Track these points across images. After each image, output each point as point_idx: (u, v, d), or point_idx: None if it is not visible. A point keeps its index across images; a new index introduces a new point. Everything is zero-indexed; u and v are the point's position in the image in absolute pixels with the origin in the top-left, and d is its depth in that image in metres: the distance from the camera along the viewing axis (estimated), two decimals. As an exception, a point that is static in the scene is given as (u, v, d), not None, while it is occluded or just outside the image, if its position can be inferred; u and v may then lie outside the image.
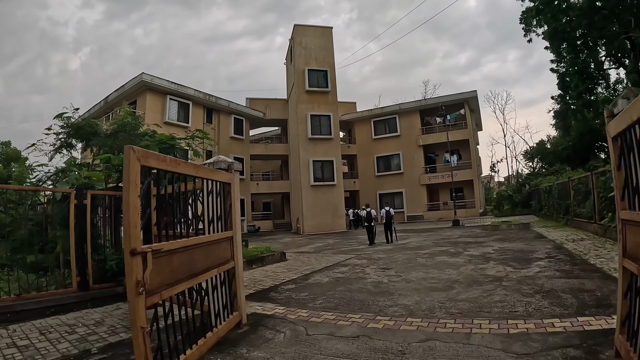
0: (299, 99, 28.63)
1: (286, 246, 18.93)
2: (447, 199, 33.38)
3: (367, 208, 17.73)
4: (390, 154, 34.40)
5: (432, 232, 21.61)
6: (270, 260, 12.58)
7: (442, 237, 17.83)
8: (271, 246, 16.18)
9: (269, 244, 19.72)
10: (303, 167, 27.89)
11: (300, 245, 18.68)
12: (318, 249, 16.29)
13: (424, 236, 19.09)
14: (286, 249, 16.46)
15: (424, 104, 34.02)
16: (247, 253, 12.45)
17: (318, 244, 18.72)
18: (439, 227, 24.53)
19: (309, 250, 16.29)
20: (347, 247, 16.07)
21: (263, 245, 15.93)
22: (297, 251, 16.21)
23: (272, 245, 18.95)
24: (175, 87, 27.61)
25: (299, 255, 14.54)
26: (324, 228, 27.16)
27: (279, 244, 19.84)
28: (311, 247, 17.31)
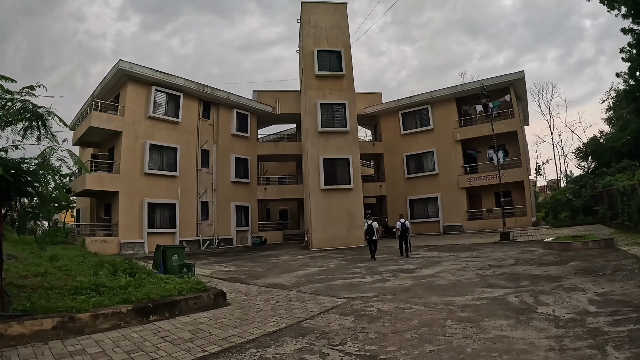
0: (307, 85, 23.54)
1: (267, 270, 13.92)
2: (491, 205, 27.14)
3: (369, 220, 16.26)
4: (422, 151, 28.48)
5: (474, 250, 15.85)
6: (191, 307, 7.61)
7: (489, 262, 12.17)
8: (238, 269, 12.40)
9: (245, 266, 15.51)
10: (312, 167, 22.69)
11: (287, 271, 13.46)
12: (301, 281, 11.01)
13: (462, 259, 13.42)
14: (261, 277, 12.44)
15: (461, 90, 27.77)
16: (155, 291, 7.63)
17: (311, 270, 13.42)
18: (482, 243, 18.66)
19: (287, 282, 11.02)
20: (343, 281, 10.65)
21: (231, 267, 12.60)
22: (268, 282, 11.05)
23: (253, 268, 14.97)
24: (160, 76, 23.27)
25: (258, 294, 9.36)
26: (336, 242, 21.77)
27: (261, 267, 14.86)
28: (296, 276, 12.03)
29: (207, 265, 16.11)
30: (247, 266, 15.58)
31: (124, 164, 21.99)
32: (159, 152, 23.20)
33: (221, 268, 15.25)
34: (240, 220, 26.60)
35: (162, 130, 23.44)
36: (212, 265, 16.30)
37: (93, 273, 9.50)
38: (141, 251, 21.50)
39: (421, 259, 14.41)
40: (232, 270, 14.59)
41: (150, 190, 22.43)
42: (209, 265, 16.34)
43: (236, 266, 15.80)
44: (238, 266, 15.77)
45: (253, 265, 15.64)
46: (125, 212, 21.61)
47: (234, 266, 15.81)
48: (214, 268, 15.20)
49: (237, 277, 12.51)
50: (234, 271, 14.25)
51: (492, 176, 25.65)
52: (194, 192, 24.37)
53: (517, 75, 26.30)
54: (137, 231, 21.74)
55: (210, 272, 13.94)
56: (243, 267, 15.26)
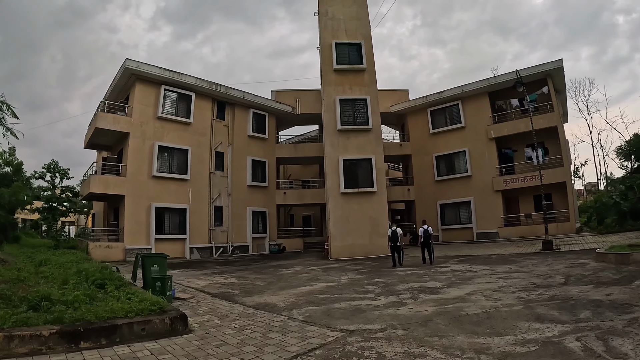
0: (325, 81, 21.63)
1: (269, 284, 12.02)
2: (529, 209, 24.21)
3: (393, 226, 15.60)
4: (453, 151, 25.88)
5: (513, 263, 13.38)
6: (137, 333, 6.08)
7: (532, 279, 9.80)
8: (237, 282, 11.79)
9: (247, 279, 13.71)
10: (330, 169, 20.69)
11: (290, 286, 11.47)
12: (299, 301, 9.02)
13: (499, 274, 11.03)
14: (256, 293, 10.57)
15: (494, 83, 24.89)
16: (100, 310, 6.12)
17: (318, 286, 11.37)
18: (522, 253, 16.10)
19: (283, 301, 9.06)
20: (349, 303, 8.54)
21: (232, 279, 11.48)
22: (259, 302, 9.13)
23: (255, 281, 13.14)
24: (169, 74, 21.95)
25: (237, 318, 7.52)
26: (357, 251, 19.60)
27: (265, 280, 12.89)
28: (296, 294, 10.02)
29: (208, 276, 14.36)
30: (250, 279, 13.71)
31: (130, 166, 20.79)
32: (168, 154, 21.88)
33: (220, 280, 13.45)
34: (256, 226, 24.87)
35: (172, 132, 22.13)
36: (212, 276, 14.54)
37: (62, 282, 8.37)
38: (148, 258, 20.14)
39: (450, 273, 12.08)
40: (229, 283, 12.75)
41: (158, 194, 21.10)
42: (209, 276, 14.60)
43: (238, 278, 13.97)
44: (240, 278, 13.94)
45: (256, 278, 13.77)
46: (131, 216, 20.34)
47: (236, 278, 13.99)
48: (212, 280, 13.42)
49: (229, 293, 10.63)
50: (231, 284, 12.40)
51: (531, 177, 22.83)
52: (206, 197, 22.87)
53: (555, 64, 23.28)
54: (144, 237, 20.39)
55: (203, 285, 12.15)
56: (244, 280, 13.41)
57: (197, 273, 15.45)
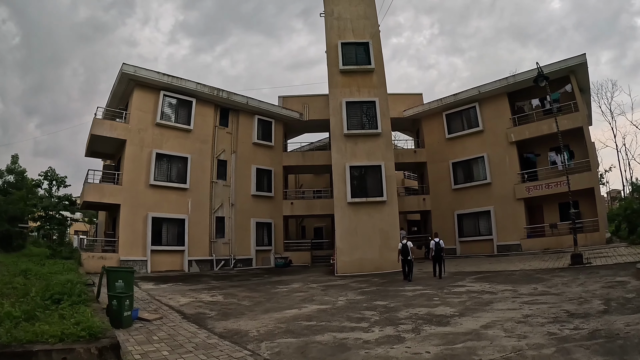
0: (331, 83, 20.14)
1: (255, 305, 10.53)
2: (554, 218, 21.87)
3: (404, 240, 15.16)
4: (470, 157, 23.81)
5: (539, 281, 11.40)
6: None
7: (564, 305, 7.89)
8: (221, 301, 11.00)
9: (235, 297, 12.28)
10: (337, 177, 19.06)
11: (277, 309, 9.89)
12: (277, 330, 7.48)
13: (523, 297, 9.16)
14: (234, 316, 9.14)
15: (513, 82, 22.71)
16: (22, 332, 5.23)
17: (309, 309, 9.73)
18: (548, 270, 14.07)
19: (258, 329, 7.56)
20: (334, 336, 6.89)
21: (218, 297, 11.23)
22: (231, 328, 7.78)
23: (242, 300, 11.67)
24: (168, 79, 20.84)
25: (189, 352, 5.95)
26: (366, 267, 17.81)
27: (254, 299, 11.36)
28: (278, 320, 8.43)
29: (195, 293, 12.94)
30: (238, 297, 12.19)
31: (127, 174, 19.66)
32: (167, 162, 20.68)
33: (205, 298, 11.98)
34: (261, 238, 23.28)
35: (171, 139, 20.97)
36: (200, 292, 13.10)
37: (23, 294, 7.90)
38: (143, 270, 18.80)
39: (465, 294, 10.22)
40: (213, 301, 11.28)
41: (156, 204, 19.86)
42: (197, 292, 13.16)
43: (226, 295, 12.48)
44: (228, 296, 12.44)
45: (246, 296, 12.23)
46: (127, 226, 19.12)
47: (224, 295, 12.50)
48: (197, 297, 11.97)
49: (204, 315, 9.21)
50: (213, 304, 10.93)
51: (556, 183, 20.68)
52: (207, 207, 21.49)
53: (578, 59, 21.04)
54: (140, 248, 19.09)
55: (183, 303, 10.78)
56: (231, 298, 11.90)
57: (186, 288, 14.06)
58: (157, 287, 14.21)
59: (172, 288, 14.14)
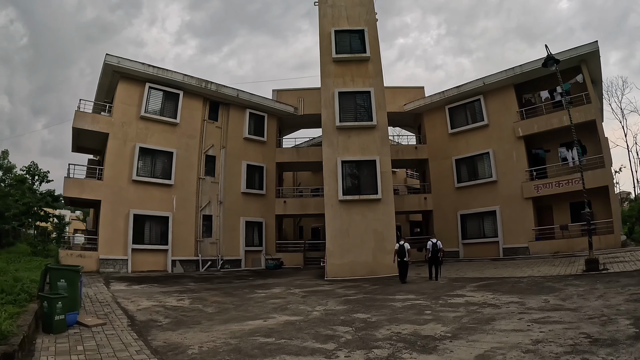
0: (324, 72, 18.42)
1: (219, 313, 9.07)
2: (564, 219, 19.77)
3: (401, 241, 14.45)
4: (475, 153, 21.82)
5: (551, 290, 9.49)
6: None
7: (584, 325, 5.96)
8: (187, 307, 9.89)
9: (205, 302, 10.84)
10: (328, 173, 17.32)
11: (240, 318, 8.30)
12: (229, 345, 5.98)
13: (532, 312, 7.28)
14: (187, 325, 7.79)
15: (520, 72, 20.60)
16: None
17: (277, 320, 8.03)
18: (560, 277, 12.13)
19: (200, 345, 6.10)
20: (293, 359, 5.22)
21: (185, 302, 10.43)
22: (171, 342, 6.30)
23: (208, 306, 10.14)
24: (153, 71, 19.35)
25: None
26: (358, 270, 16.02)
27: (222, 305, 9.73)
28: (233, 333, 6.88)
29: (163, 296, 11.49)
30: (206, 302, 10.64)
31: (108, 169, 18.25)
32: (151, 157, 19.16)
33: (170, 302, 10.49)
34: (251, 238, 21.55)
35: (156, 133, 19.44)
36: (169, 295, 11.65)
37: None
38: (123, 270, 17.39)
39: (462, 308, 8.40)
40: (176, 306, 9.81)
41: (138, 200, 18.38)
42: (166, 295, 11.71)
43: (194, 300, 10.96)
44: (196, 300, 10.91)
45: (215, 302, 10.67)
46: (107, 224, 17.71)
47: (192, 300, 11.00)
48: (162, 301, 10.52)
49: (155, 322, 7.89)
50: (175, 309, 9.48)
51: (567, 181, 18.76)
52: (193, 204, 19.88)
53: (590, 47, 19.01)
54: (121, 247, 17.64)
55: (143, 307, 9.47)
56: (198, 304, 10.36)
57: (157, 290, 12.62)
58: (127, 289, 12.86)
59: (143, 290, 12.77)
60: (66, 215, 49.85)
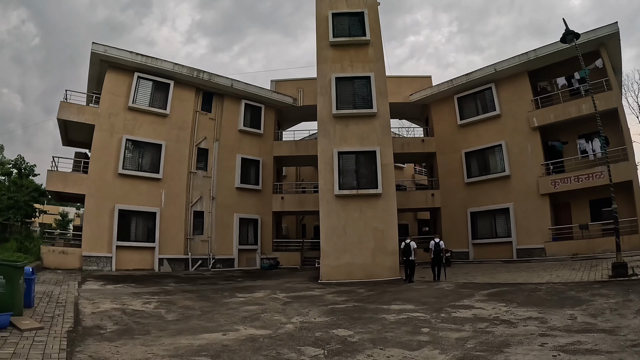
0: (320, 58, 16.68)
1: (178, 321, 7.20)
2: (584, 218, 17.67)
3: (407, 239, 13.57)
4: (486, 146, 19.78)
5: (575, 304, 7.54)
6: None
7: (626, 357, 4.18)
8: (145, 312, 8.38)
9: (172, 306, 9.42)
10: (324, 165, 15.59)
11: (202, 330, 6.72)
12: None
13: (556, 334, 5.39)
14: (148, 332, 6.74)
15: (534, 57, 18.19)
16: None
17: (240, 334, 6.39)
18: (583, 283, 10.21)
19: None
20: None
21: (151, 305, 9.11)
22: (100, 357, 4.57)
23: (180, 309, 9.09)
24: (142, 59, 17.94)
25: None
26: (355, 273, 14.28)
27: (186, 311, 8.00)
28: (185, 349, 5.22)
29: (134, 297, 10.23)
30: (175, 306, 9.22)
31: (94, 162, 16.98)
32: (138, 150, 17.78)
33: (135, 304, 9.12)
34: (245, 236, 19.92)
35: (145, 125, 18.04)
36: (140, 297, 10.34)
37: None
38: (107, 268, 16.06)
39: (469, 325, 6.60)
40: (138, 310, 8.44)
41: (124, 195, 17.02)
42: (138, 296, 10.42)
43: (162, 303, 9.51)
44: (164, 304, 9.45)
45: (184, 306, 9.26)
46: (92, 219, 16.44)
47: (160, 303, 9.55)
48: (127, 303, 9.20)
49: (100, 328, 6.78)
50: (134, 313, 8.12)
51: (587, 176, 16.75)
52: (184, 200, 18.41)
53: (610, 29, 16.75)
54: (106, 243, 16.32)
55: (101, 310, 8.32)
56: (162, 308, 8.94)
57: (129, 291, 11.26)
58: (99, 289, 11.59)
59: (115, 290, 11.45)
60: (69, 212, 49.27)
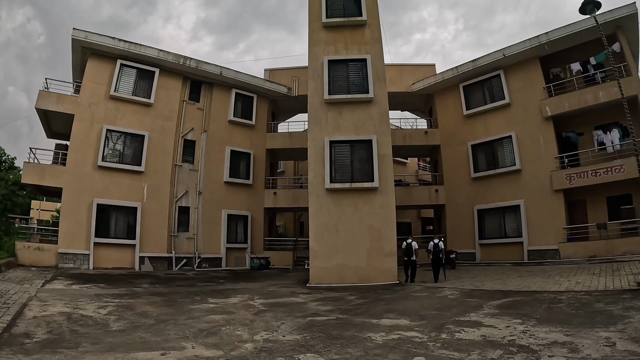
0: (312, 40, 15.14)
1: (130, 330, 5.68)
2: (601, 216, 15.95)
3: (408, 239, 13.09)
4: (495, 137, 18.06)
5: (608, 321, 5.77)
6: None
7: None
8: (90, 319, 7.06)
9: (128, 312, 8.05)
10: (314, 156, 14.07)
11: (147, 346, 5.24)
12: None
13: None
14: (78, 344, 5.37)
15: (546, 41, 16.52)
16: None
17: (188, 354, 4.92)
18: (611, 293, 8.50)
19: None
20: None
21: (105, 310, 8.00)
22: None
23: (135, 316, 7.74)
24: (125, 46, 16.73)
25: None
26: (349, 276, 12.72)
27: (138, 318, 6.38)
28: None
29: (95, 299, 9.04)
30: (132, 312, 7.84)
31: (72, 154, 15.76)
32: (120, 141, 16.51)
33: (89, 308, 7.91)
34: (234, 234, 18.49)
35: (128, 114, 16.78)
36: (102, 299, 9.12)
37: None
38: (84, 266, 14.83)
39: (476, 352, 4.84)
40: (88, 317, 7.22)
41: (105, 189, 15.78)
42: (100, 298, 9.23)
43: (119, 308, 8.16)
44: (120, 309, 8.08)
45: (142, 313, 7.90)
46: (69, 214, 15.27)
47: (117, 307, 8.24)
48: (81, 307, 8.00)
49: (27, 339, 5.55)
50: (81, 320, 6.89)
51: (606, 169, 15.10)
52: (167, 194, 17.09)
53: (627, 9, 15.02)
54: (83, 240, 15.11)
55: (48, 314, 7.21)
56: (116, 314, 7.55)
57: (93, 293, 10.02)
58: (64, 288, 10.43)
59: (78, 291, 10.28)
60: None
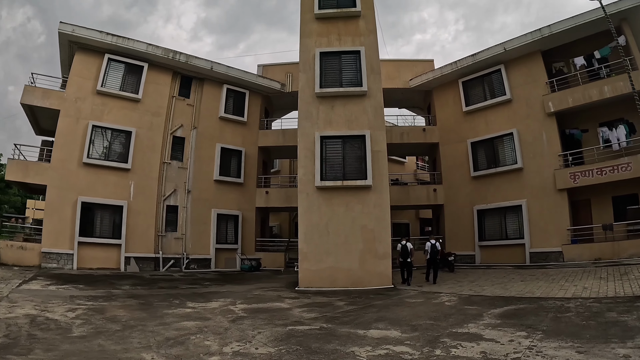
0: (304, 32, 14.42)
1: (91, 337, 5.17)
2: (606, 217, 15.12)
3: (403, 241, 13.03)
4: (495, 134, 17.29)
5: (625, 334, 5.05)
6: None
7: None
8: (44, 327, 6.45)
9: (97, 317, 7.55)
10: (304, 152, 13.32)
11: (104, 356, 4.58)
12: None
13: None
14: (23, 354, 4.68)
15: (548, 34, 15.77)
16: None
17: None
18: (623, 300, 7.70)
19: None
20: None
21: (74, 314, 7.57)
22: None
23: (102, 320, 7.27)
24: (112, 39, 16.12)
25: None
26: (340, 280, 12.01)
27: (105, 325, 5.55)
28: None
29: (67, 301, 8.58)
30: (101, 316, 7.40)
31: (57, 151, 15.18)
32: (106, 137, 15.91)
33: (57, 311, 7.50)
34: (224, 234, 17.79)
35: (115, 110, 16.18)
36: (74, 301, 8.66)
37: None
38: (68, 266, 14.24)
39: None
40: (53, 320, 6.89)
41: (90, 187, 15.20)
42: (72, 300, 8.80)
43: (89, 312, 7.72)
44: (90, 312, 7.65)
45: (110, 318, 7.40)
46: (53, 212, 14.73)
47: (87, 310, 7.80)
48: (50, 310, 7.61)
49: None
50: (43, 324, 6.48)
51: (612, 168, 14.26)
52: (155, 193, 16.43)
53: (634, 0, 14.24)
54: (67, 239, 14.54)
55: (12, 317, 6.77)
56: (84, 318, 7.09)
57: (68, 294, 9.51)
58: (40, 289, 9.91)
59: (54, 292, 9.71)
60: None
